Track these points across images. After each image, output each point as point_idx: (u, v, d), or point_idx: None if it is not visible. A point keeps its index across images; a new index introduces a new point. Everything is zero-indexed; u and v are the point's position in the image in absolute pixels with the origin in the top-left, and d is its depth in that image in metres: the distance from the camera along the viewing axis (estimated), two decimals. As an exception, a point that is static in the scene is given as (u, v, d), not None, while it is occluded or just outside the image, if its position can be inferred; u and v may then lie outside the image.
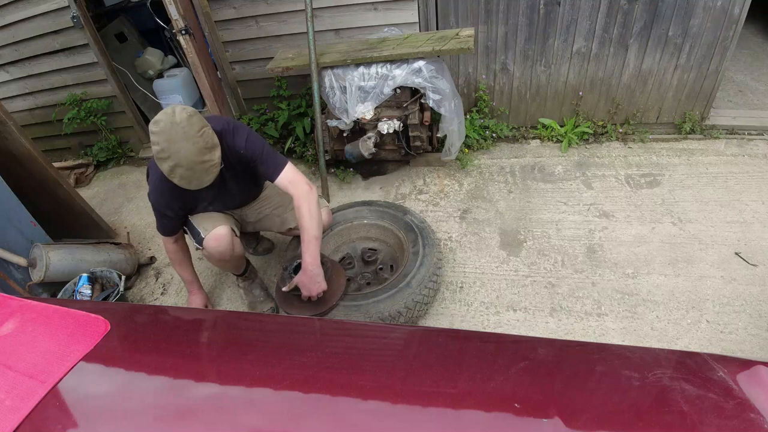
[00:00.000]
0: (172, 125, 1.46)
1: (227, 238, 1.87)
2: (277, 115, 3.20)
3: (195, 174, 1.53)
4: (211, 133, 1.54)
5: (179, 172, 1.51)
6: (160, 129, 1.47)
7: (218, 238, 1.85)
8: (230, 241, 1.89)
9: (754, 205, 2.38)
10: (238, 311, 2.20)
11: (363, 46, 2.66)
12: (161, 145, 1.47)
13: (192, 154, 1.48)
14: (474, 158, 3.03)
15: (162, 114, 1.49)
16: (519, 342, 1.11)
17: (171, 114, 1.47)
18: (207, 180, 1.58)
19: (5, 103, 2.90)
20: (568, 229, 2.42)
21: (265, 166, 1.77)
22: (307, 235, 1.72)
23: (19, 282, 2.25)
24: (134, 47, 4.12)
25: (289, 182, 1.77)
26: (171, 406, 0.88)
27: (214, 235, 1.85)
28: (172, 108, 1.50)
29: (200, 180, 1.56)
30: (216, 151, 1.56)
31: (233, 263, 2.05)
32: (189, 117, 1.48)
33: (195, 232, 1.91)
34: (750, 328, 1.85)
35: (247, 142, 1.74)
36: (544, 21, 2.74)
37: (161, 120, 1.47)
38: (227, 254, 1.91)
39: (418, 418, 0.81)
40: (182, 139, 1.46)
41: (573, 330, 1.94)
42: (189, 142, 1.47)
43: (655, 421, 0.78)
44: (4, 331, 1.01)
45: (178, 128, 1.46)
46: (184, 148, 1.47)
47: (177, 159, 1.48)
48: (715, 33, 2.60)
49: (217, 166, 1.57)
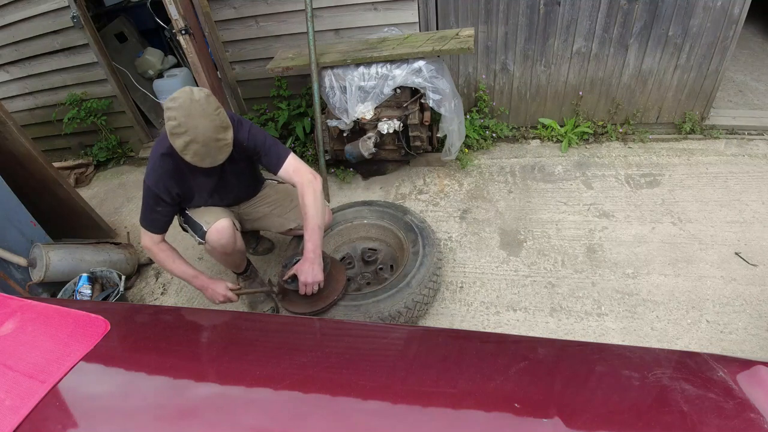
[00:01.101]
0: (191, 101, 1.49)
1: (229, 231, 1.87)
2: (277, 115, 3.20)
3: (209, 151, 1.55)
4: (225, 115, 1.58)
5: (194, 147, 1.52)
6: (179, 105, 1.49)
7: (221, 230, 1.85)
8: (233, 234, 1.89)
9: (754, 205, 2.38)
10: (238, 311, 2.20)
11: (363, 46, 2.66)
12: (178, 120, 1.49)
13: (209, 130, 1.51)
14: (474, 158, 3.03)
15: (180, 92, 1.52)
16: (519, 342, 1.11)
17: (189, 92, 1.51)
18: (220, 158, 1.60)
19: (5, 103, 2.91)
20: (568, 229, 2.42)
21: (268, 157, 1.79)
22: (310, 224, 1.73)
23: (19, 282, 2.25)
24: (134, 47, 4.12)
25: (293, 171, 1.78)
26: (171, 406, 0.88)
27: (217, 228, 1.84)
28: (189, 87, 1.54)
29: (214, 158, 1.58)
30: (229, 131, 1.59)
31: (235, 257, 2.04)
32: (207, 96, 1.53)
33: (197, 226, 1.89)
34: (750, 328, 1.85)
35: (250, 134, 1.76)
36: (544, 21, 2.74)
37: (179, 97, 1.50)
38: (230, 247, 1.90)
39: (418, 418, 0.81)
40: (200, 116, 1.49)
41: (573, 330, 1.94)
42: (207, 118, 1.50)
43: (655, 421, 0.78)
44: (4, 331, 1.01)
45: (197, 105, 1.49)
46: (201, 124, 1.49)
47: (194, 134, 1.50)
48: (715, 33, 2.60)
49: (229, 146, 1.60)
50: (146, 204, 1.78)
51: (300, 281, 1.74)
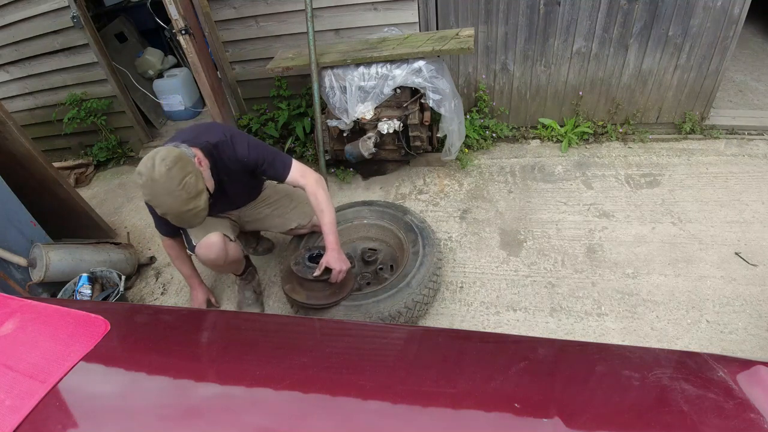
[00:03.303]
0: (152, 181, 1.48)
1: (218, 246, 1.88)
2: (277, 115, 3.20)
3: (184, 220, 1.60)
4: (194, 182, 1.54)
5: (169, 217, 1.58)
6: (143, 183, 1.50)
7: (209, 246, 1.86)
8: (222, 248, 1.89)
9: (754, 205, 2.38)
10: (239, 311, 2.20)
11: (363, 46, 2.66)
12: (147, 196, 1.53)
13: (176, 206, 1.52)
14: (474, 158, 3.03)
15: (143, 166, 1.50)
16: (519, 342, 1.11)
17: (151, 168, 1.48)
18: (197, 222, 1.64)
19: (5, 103, 2.90)
20: (568, 229, 2.42)
21: (273, 169, 1.81)
22: (327, 219, 1.82)
23: (19, 282, 2.25)
24: (134, 47, 4.13)
25: (300, 176, 1.82)
26: (171, 406, 0.88)
27: (205, 244, 1.86)
28: (152, 159, 1.50)
29: (190, 223, 1.64)
30: (200, 197, 1.57)
31: (229, 268, 2.07)
32: (168, 171, 1.48)
33: (188, 239, 1.94)
34: (750, 328, 1.85)
35: (250, 150, 1.75)
36: (544, 21, 2.74)
37: (143, 173, 1.50)
38: (220, 260, 1.93)
39: (419, 418, 0.81)
40: (164, 194, 1.50)
41: (573, 330, 1.94)
42: (171, 196, 1.50)
43: (655, 421, 0.78)
44: (4, 331, 1.01)
45: (158, 185, 1.48)
46: (167, 201, 1.52)
47: (164, 209, 1.54)
48: (715, 33, 2.60)
49: (204, 210, 1.60)
50: (152, 215, 1.85)
51: (334, 270, 1.84)
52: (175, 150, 1.54)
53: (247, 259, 2.30)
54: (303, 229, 2.22)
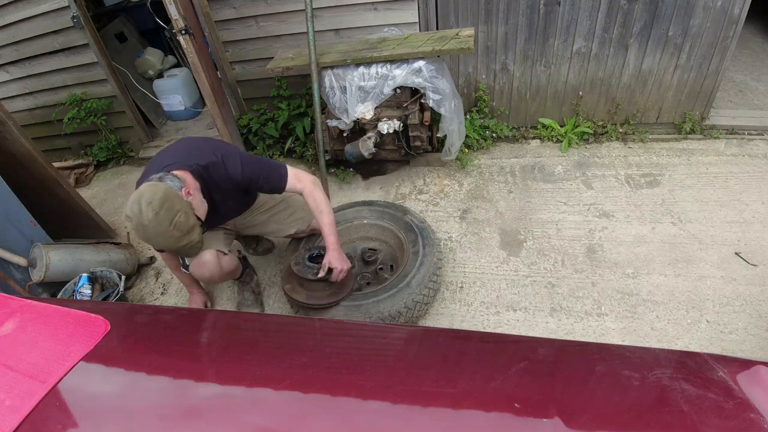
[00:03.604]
0: (143, 226, 1.46)
1: (210, 264, 1.87)
2: (277, 115, 3.20)
3: (181, 252, 1.61)
4: (184, 220, 1.50)
5: (167, 251, 1.61)
6: (134, 226, 1.49)
7: (202, 265, 1.86)
8: (215, 265, 1.89)
9: (754, 205, 2.38)
10: (239, 311, 2.20)
11: (363, 46, 2.66)
12: (140, 236, 1.51)
13: (171, 244, 1.52)
14: (474, 158, 3.03)
15: (131, 210, 1.47)
16: (519, 342, 1.11)
17: (138, 213, 1.45)
18: (194, 253, 1.65)
19: (5, 103, 2.90)
20: (568, 229, 2.42)
21: (269, 183, 1.79)
22: (326, 219, 1.83)
23: (19, 282, 2.25)
24: (134, 47, 4.13)
25: (296, 181, 1.81)
26: (171, 406, 0.88)
27: (198, 263, 1.86)
28: (138, 204, 1.45)
29: (188, 254, 1.65)
30: (193, 231, 1.54)
31: (225, 279, 2.07)
32: (156, 215, 1.44)
33: (182, 257, 1.96)
34: (750, 328, 1.85)
35: (243, 168, 1.71)
36: (544, 21, 2.74)
37: (132, 218, 1.47)
38: (214, 277, 1.93)
39: (419, 418, 0.81)
40: (156, 236, 1.49)
41: (573, 330, 1.94)
42: (163, 237, 1.49)
43: (655, 421, 0.78)
44: (4, 331, 1.01)
45: (149, 229, 1.46)
46: (160, 241, 1.51)
47: (159, 247, 1.57)
48: (715, 33, 2.60)
49: (199, 242, 1.58)
50: None
51: (336, 269, 1.85)
52: (160, 187, 1.48)
53: (245, 260, 2.30)
54: (302, 234, 2.22)
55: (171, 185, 1.53)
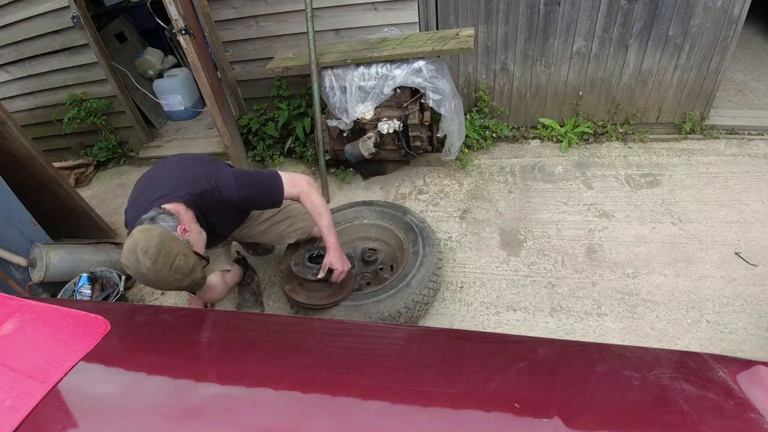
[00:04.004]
0: (142, 275, 1.40)
1: (218, 288, 1.87)
2: (277, 115, 3.20)
3: (187, 289, 1.55)
4: (184, 262, 1.44)
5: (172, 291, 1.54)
6: (133, 275, 1.42)
7: (210, 290, 1.85)
8: (222, 288, 1.89)
9: (754, 205, 2.38)
10: (239, 311, 2.20)
11: (363, 46, 2.66)
12: (142, 282, 1.45)
13: (174, 286, 1.47)
14: (474, 158, 3.03)
15: (127, 260, 1.40)
16: (519, 342, 1.11)
17: (136, 263, 1.38)
18: (198, 287, 1.58)
19: (5, 103, 2.90)
20: (568, 229, 2.42)
21: (267, 199, 1.76)
22: (325, 221, 1.83)
23: (19, 282, 2.25)
24: (134, 47, 4.13)
25: (292, 186, 1.78)
26: (171, 406, 0.88)
27: (206, 289, 1.83)
28: (134, 254, 1.38)
29: (192, 290, 1.60)
30: (195, 271, 1.48)
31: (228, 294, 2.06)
32: (153, 264, 1.38)
33: None
34: (750, 328, 1.85)
35: (240, 191, 1.66)
36: (544, 21, 2.74)
37: (130, 267, 1.41)
38: (222, 296, 1.93)
39: (419, 418, 0.81)
40: (158, 282, 1.44)
41: (573, 330, 1.94)
42: (165, 282, 1.44)
43: (655, 421, 0.78)
44: (4, 331, 1.01)
45: (149, 276, 1.40)
46: (163, 286, 1.47)
47: (163, 289, 1.54)
48: (715, 33, 2.60)
49: (203, 278, 1.55)
50: None
51: (336, 270, 1.86)
52: (153, 233, 1.40)
53: (244, 261, 2.29)
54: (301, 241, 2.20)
55: (165, 227, 1.46)
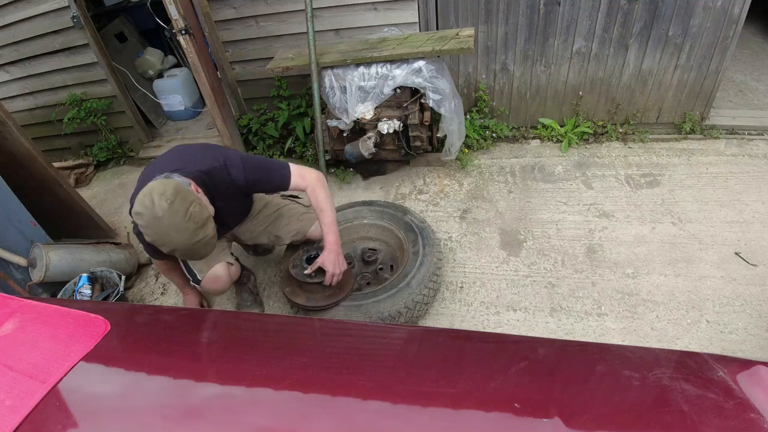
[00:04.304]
0: (156, 219, 1.37)
1: (224, 278, 1.87)
2: (277, 115, 3.20)
3: (194, 252, 1.48)
4: (198, 211, 1.43)
5: (178, 253, 1.46)
6: (146, 222, 1.39)
7: (216, 279, 1.85)
8: (227, 279, 1.89)
9: (754, 205, 2.38)
10: (238, 311, 2.20)
11: (363, 46, 2.66)
12: (151, 236, 1.41)
13: (185, 239, 1.41)
14: (474, 158, 3.03)
15: (141, 205, 1.38)
16: (519, 342, 1.11)
17: (151, 206, 1.36)
18: (207, 252, 1.52)
19: (5, 103, 2.90)
20: (568, 229, 2.42)
21: (273, 183, 1.76)
22: (327, 218, 1.80)
23: (19, 282, 2.25)
24: (134, 47, 4.13)
25: (300, 178, 1.77)
26: (171, 406, 0.88)
27: (212, 278, 1.85)
28: (150, 197, 1.38)
29: (200, 254, 1.51)
30: (208, 224, 1.46)
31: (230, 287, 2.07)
32: (170, 205, 1.36)
33: (191, 271, 1.91)
34: (750, 328, 1.85)
35: (246, 172, 1.66)
36: (544, 21, 2.74)
37: (143, 213, 1.38)
38: (226, 288, 1.94)
39: (419, 418, 0.81)
40: (171, 231, 1.39)
41: (573, 330, 1.94)
42: (178, 231, 1.39)
43: (655, 421, 0.78)
44: (4, 331, 1.01)
45: (163, 221, 1.37)
46: (175, 238, 1.40)
47: (172, 246, 1.43)
48: (715, 33, 2.60)
49: (213, 237, 1.50)
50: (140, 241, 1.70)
51: (328, 272, 1.82)
52: (170, 182, 1.43)
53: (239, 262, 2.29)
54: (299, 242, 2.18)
55: (179, 181, 1.47)
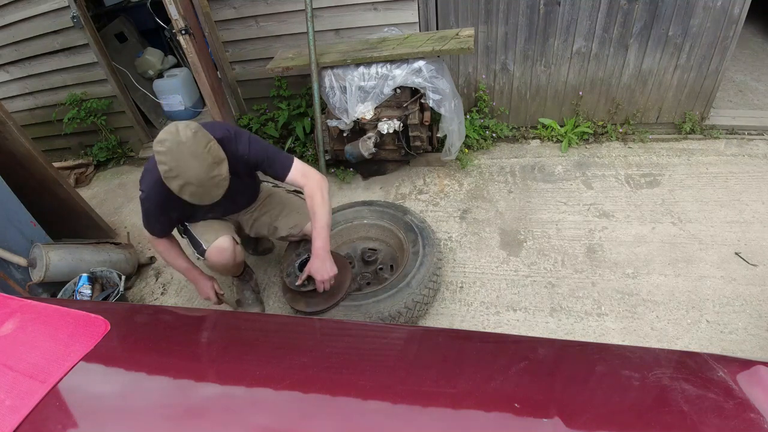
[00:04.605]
0: (178, 144, 1.43)
1: (230, 251, 1.87)
2: (277, 115, 3.20)
3: (206, 190, 1.51)
4: (217, 147, 1.52)
5: (189, 189, 1.49)
6: (167, 149, 1.44)
7: (222, 250, 1.85)
8: (233, 252, 1.90)
9: (754, 205, 2.38)
10: (239, 311, 2.20)
11: (363, 46, 2.66)
12: (169, 165, 1.45)
13: (201, 171, 1.46)
14: (474, 158, 3.03)
15: (166, 133, 1.46)
16: (519, 342, 1.11)
17: (175, 132, 1.44)
18: (217, 194, 1.56)
19: (5, 103, 2.90)
20: (568, 229, 2.42)
21: (273, 168, 1.78)
22: (318, 223, 1.76)
23: (19, 282, 2.25)
24: (134, 47, 4.12)
25: (301, 175, 1.78)
26: (171, 406, 0.88)
27: (217, 248, 1.85)
28: (175, 126, 1.46)
29: (211, 195, 1.55)
30: (224, 164, 1.54)
31: (234, 269, 2.06)
32: (194, 134, 1.45)
33: (196, 243, 1.90)
34: (750, 328, 1.85)
35: (251, 147, 1.73)
36: (544, 21, 2.74)
37: (166, 139, 1.44)
38: (230, 264, 1.93)
39: (419, 418, 0.81)
40: (190, 158, 1.44)
41: (573, 330, 1.94)
42: (197, 159, 1.45)
43: (655, 421, 0.78)
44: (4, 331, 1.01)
45: (185, 147, 1.43)
46: (192, 166, 1.45)
47: (186, 177, 1.46)
48: (715, 33, 2.60)
49: (226, 179, 1.55)
50: (146, 216, 1.80)
51: (317, 280, 1.78)
52: (194, 122, 1.51)
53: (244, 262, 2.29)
54: (295, 237, 2.16)
55: None
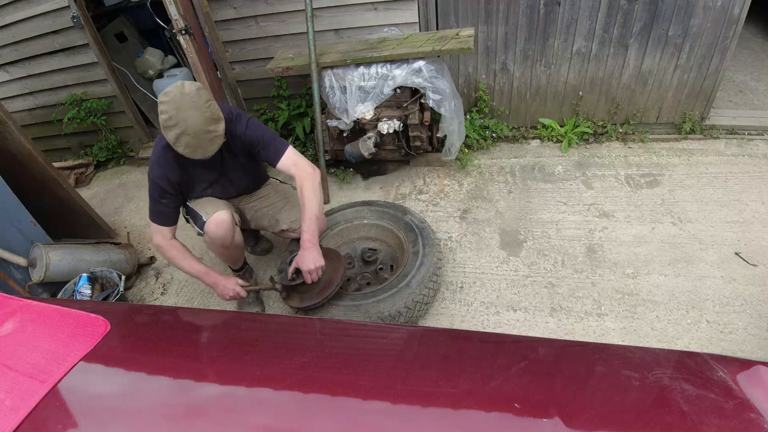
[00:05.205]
0: (181, 95, 1.54)
1: (228, 224, 1.88)
2: (277, 115, 3.20)
3: (200, 143, 1.59)
4: (217, 107, 1.62)
5: (185, 140, 1.57)
6: (170, 98, 1.54)
7: (219, 222, 1.86)
8: (231, 227, 1.90)
9: (754, 205, 2.38)
10: (239, 311, 2.20)
11: (363, 46, 2.66)
12: (169, 113, 1.54)
13: (199, 122, 1.55)
14: (474, 158, 3.03)
15: (172, 86, 1.57)
16: (519, 342, 1.11)
17: (180, 86, 1.56)
18: (211, 150, 1.64)
19: (5, 103, 2.91)
20: (568, 229, 2.42)
21: (266, 151, 1.82)
22: (307, 214, 1.77)
23: (19, 282, 2.25)
24: (134, 47, 4.12)
25: (292, 164, 1.81)
26: (171, 406, 0.88)
27: (216, 220, 1.86)
28: (181, 81, 1.58)
29: (204, 149, 1.62)
30: (221, 123, 1.62)
31: (233, 252, 2.06)
32: (198, 90, 1.57)
33: (196, 216, 1.91)
34: (750, 328, 1.85)
35: (248, 129, 1.79)
36: (544, 21, 2.74)
37: (171, 91, 1.55)
38: (228, 239, 1.92)
39: (419, 418, 0.81)
40: (190, 108, 1.54)
41: (573, 330, 1.94)
42: (197, 111, 1.54)
43: (655, 421, 0.78)
44: (4, 331, 1.01)
45: (187, 98, 1.54)
46: (191, 116, 1.54)
47: (184, 126, 1.54)
48: (715, 33, 2.60)
49: (221, 137, 1.64)
50: (152, 197, 1.83)
51: (303, 271, 1.78)
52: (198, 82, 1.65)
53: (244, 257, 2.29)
54: (294, 233, 2.16)
55: None
